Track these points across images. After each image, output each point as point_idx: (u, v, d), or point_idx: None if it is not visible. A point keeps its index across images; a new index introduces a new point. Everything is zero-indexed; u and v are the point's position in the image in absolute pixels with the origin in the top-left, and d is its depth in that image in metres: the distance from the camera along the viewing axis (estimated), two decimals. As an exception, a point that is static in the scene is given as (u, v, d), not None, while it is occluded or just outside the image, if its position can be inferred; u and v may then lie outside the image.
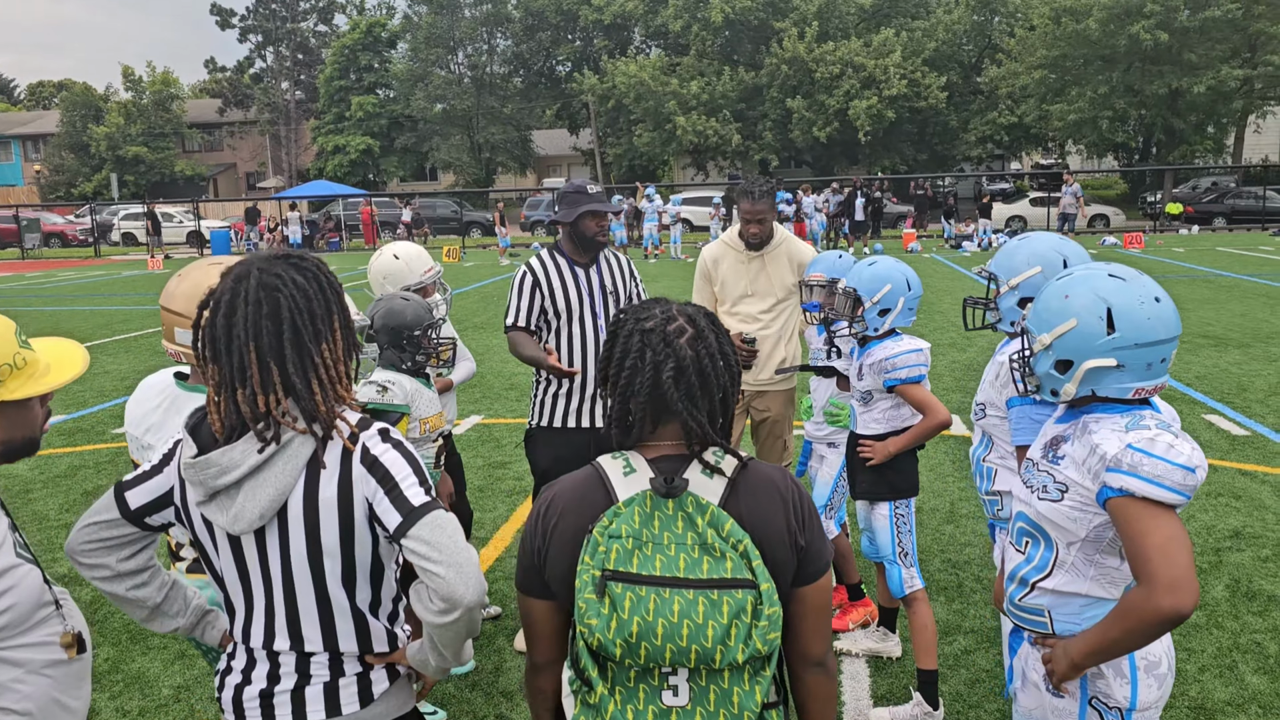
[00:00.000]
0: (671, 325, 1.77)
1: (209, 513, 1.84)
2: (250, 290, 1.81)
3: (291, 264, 1.87)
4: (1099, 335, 2.11)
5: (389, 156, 50.67)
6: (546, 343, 4.33)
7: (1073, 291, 2.16)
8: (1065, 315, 2.15)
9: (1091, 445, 2.09)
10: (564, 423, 4.34)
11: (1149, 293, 2.13)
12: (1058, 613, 2.20)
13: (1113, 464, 2.02)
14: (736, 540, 1.65)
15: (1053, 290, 2.21)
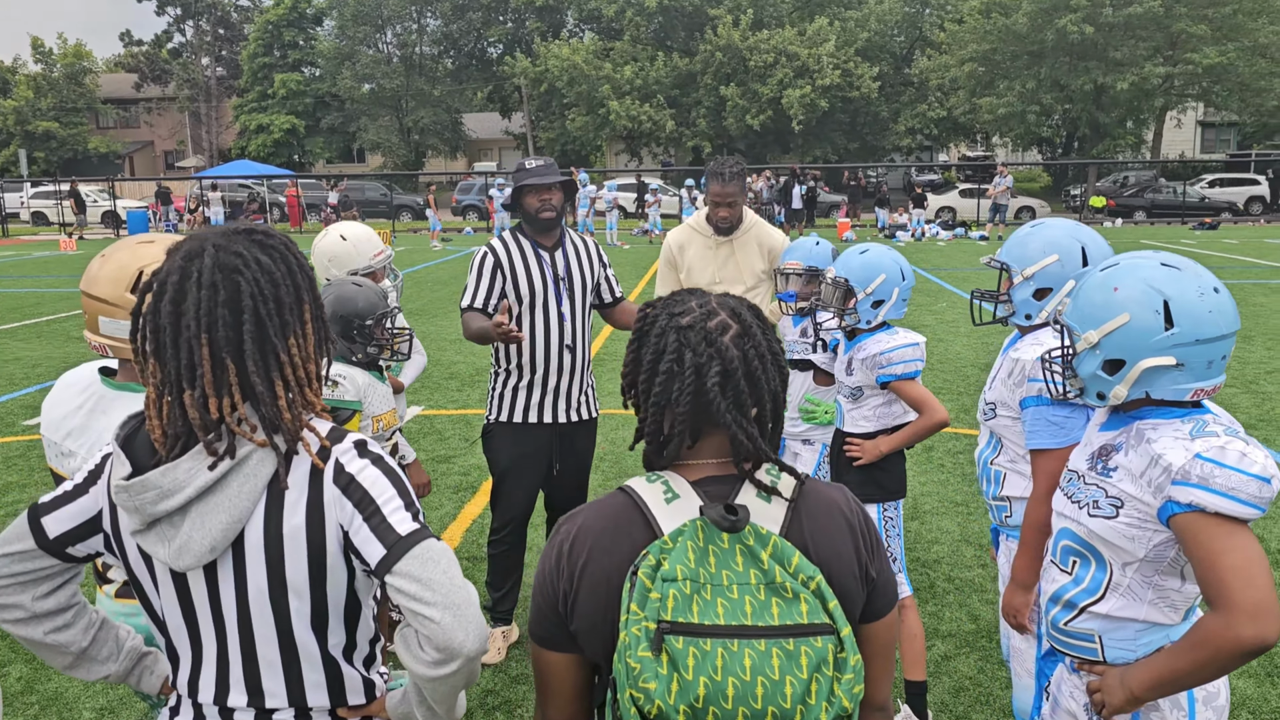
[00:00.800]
0: (713, 321, 1.50)
1: (147, 544, 1.51)
2: (205, 271, 1.49)
3: (255, 241, 1.55)
4: (1155, 331, 1.91)
5: (315, 137, 49.30)
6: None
7: (1123, 283, 1.95)
8: (1115, 310, 1.94)
9: (1152, 455, 1.88)
10: (525, 418, 4.06)
11: (1207, 283, 1.93)
12: (1110, 638, 2.00)
13: (1180, 476, 1.82)
14: (807, 577, 1.39)
15: (1098, 282, 2.00)
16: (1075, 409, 2.54)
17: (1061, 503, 2.12)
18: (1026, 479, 2.74)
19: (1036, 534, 2.58)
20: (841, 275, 3.47)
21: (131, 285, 2.06)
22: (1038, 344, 2.61)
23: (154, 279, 1.52)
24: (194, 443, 1.50)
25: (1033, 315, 2.70)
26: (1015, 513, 2.80)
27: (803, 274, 4.07)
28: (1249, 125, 40.56)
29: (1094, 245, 2.67)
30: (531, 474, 4.10)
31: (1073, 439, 2.54)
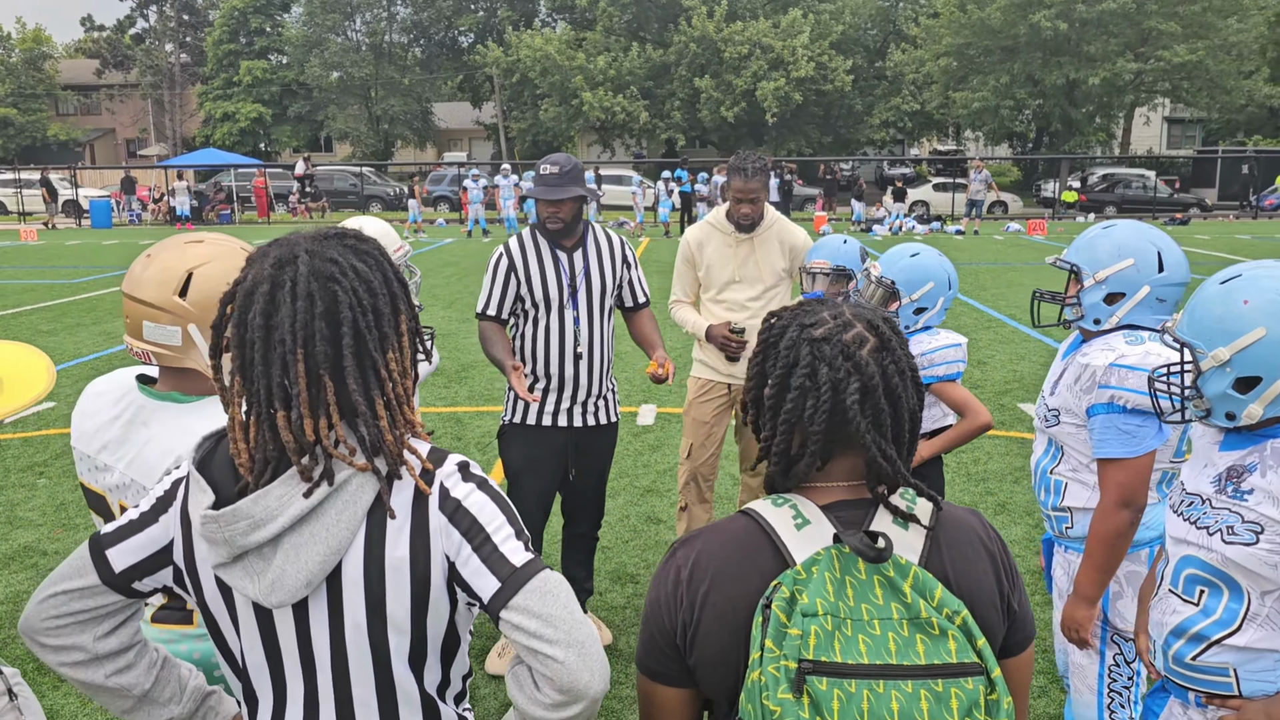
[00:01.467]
0: (849, 333, 1.38)
1: (232, 578, 1.36)
2: (300, 280, 1.34)
3: (348, 246, 1.40)
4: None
5: (281, 125, 48.60)
6: (523, 334, 3.89)
7: (1252, 295, 1.84)
8: (1247, 324, 1.83)
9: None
10: (539, 420, 3.90)
11: None
12: (1246, 671, 1.88)
13: None
14: (952, 611, 1.28)
15: (1219, 295, 1.88)
16: (1147, 417, 2.44)
17: (1182, 529, 1.99)
18: (1090, 489, 2.63)
19: (1105, 549, 2.48)
20: (889, 277, 3.34)
21: (180, 288, 1.90)
22: (1109, 349, 2.50)
23: (236, 288, 1.37)
24: (285, 467, 1.36)
25: (1101, 320, 2.59)
26: (1077, 524, 2.68)
27: (830, 273, 3.95)
28: (1214, 122, 41.06)
29: (1169, 250, 2.56)
30: (546, 478, 3.95)
31: (1145, 448, 2.44)
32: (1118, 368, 2.43)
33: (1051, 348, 10.45)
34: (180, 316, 1.87)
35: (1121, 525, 2.45)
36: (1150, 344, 2.45)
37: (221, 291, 1.83)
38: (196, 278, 1.87)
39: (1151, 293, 2.52)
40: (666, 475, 6.41)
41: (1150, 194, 33.67)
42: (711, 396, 4.41)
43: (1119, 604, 2.62)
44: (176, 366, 1.89)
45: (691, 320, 4.38)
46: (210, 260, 1.90)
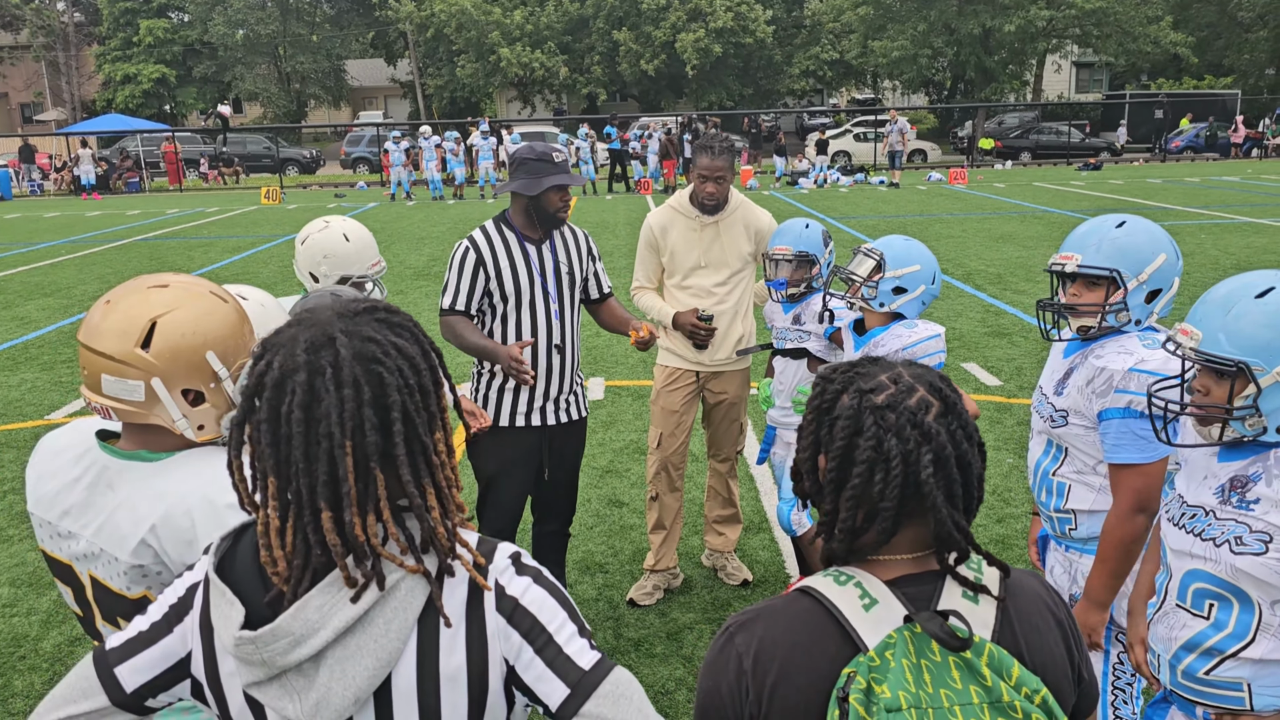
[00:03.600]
0: (913, 398, 1.31)
1: (268, 698, 1.25)
2: (342, 366, 1.22)
3: (382, 321, 1.29)
4: None
5: (187, 87, 46.67)
6: (490, 332, 3.77)
7: None
8: None
9: None
10: (512, 421, 3.80)
11: None
12: (1260, 684, 1.89)
13: None
14: (1032, 690, 1.24)
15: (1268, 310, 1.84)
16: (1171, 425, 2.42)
17: (1186, 541, 1.99)
18: (1095, 492, 2.60)
19: (1120, 554, 2.45)
20: (878, 250, 3.33)
21: (142, 339, 1.73)
22: (1126, 353, 2.44)
23: (263, 376, 1.24)
24: (323, 573, 1.24)
25: (1143, 320, 2.53)
26: (1081, 526, 2.66)
27: (792, 259, 3.91)
28: (1120, 66, 41.94)
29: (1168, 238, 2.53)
30: (521, 480, 3.86)
31: (1160, 454, 2.41)
32: (1137, 373, 2.39)
33: (985, 303, 10.61)
34: (143, 370, 1.70)
35: (1137, 531, 2.44)
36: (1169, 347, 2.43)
37: (189, 342, 1.70)
38: (161, 327, 1.71)
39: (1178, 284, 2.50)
40: (623, 454, 6.35)
41: (1064, 139, 34.36)
42: (680, 385, 4.35)
43: (1123, 603, 2.63)
44: (140, 423, 1.74)
45: (657, 307, 4.30)
46: (176, 307, 1.73)
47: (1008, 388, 7.54)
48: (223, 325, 1.77)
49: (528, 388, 3.77)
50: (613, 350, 8.97)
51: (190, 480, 1.68)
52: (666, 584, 4.52)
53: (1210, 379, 1.90)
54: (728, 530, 4.65)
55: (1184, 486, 2.05)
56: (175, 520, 1.64)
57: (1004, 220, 17.85)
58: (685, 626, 4.22)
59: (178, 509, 1.65)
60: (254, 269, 14.33)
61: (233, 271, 14.12)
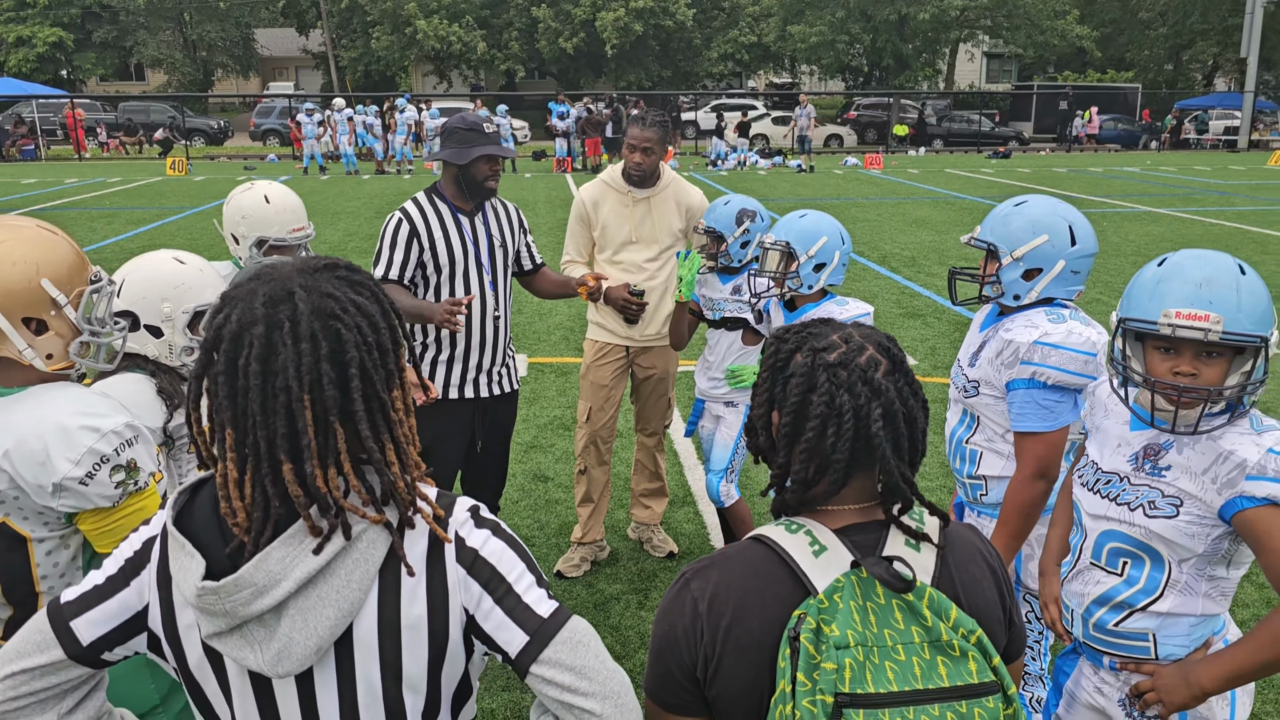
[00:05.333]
0: (863, 356, 1.37)
1: (229, 648, 1.24)
2: (300, 319, 1.22)
3: (342, 278, 1.29)
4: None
5: (85, 52, 44.69)
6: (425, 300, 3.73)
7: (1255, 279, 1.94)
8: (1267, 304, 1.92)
9: (1220, 453, 1.89)
10: (445, 394, 3.78)
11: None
12: (1164, 635, 2.02)
13: (1255, 471, 1.84)
14: (968, 631, 1.31)
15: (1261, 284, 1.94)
16: (1065, 394, 2.54)
17: (1101, 505, 2.09)
18: (1004, 459, 2.74)
19: (1020, 517, 2.58)
20: (782, 239, 3.38)
21: None
22: (1033, 327, 2.58)
23: (220, 329, 1.23)
24: (285, 525, 1.24)
25: (1021, 295, 2.67)
26: (991, 491, 2.80)
27: (705, 233, 3.98)
28: (1028, 57, 43.15)
29: (1079, 223, 2.65)
30: (452, 453, 3.84)
31: (1061, 423, 2.55)
32: (1041, 345, 2.52)
33: (900, 285, 10.87)
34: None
35: (1036, 495, 2.57)
36: (1072, 322, 2.55)
37: (21, 270, 1.73)
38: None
39: (1066, 266, 2.61)
40: (547, 429, 6.36)
41: (975, 128, 35.25)
42: (610, 359, 4.37)
43: (1030, 565, 2.76)
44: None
45: (588, 282, 4.31)
46: (2, 241, 1.77)
47: (922, 367, 7.75)
48: (53, 252, 1.81)
49: (461, 360, 3.76)
50: (535, 327, 8.95)
51: (42, 409, 1.73)
52: (593, 556, 4.55)
53: (1200, 361, 1.90)
54: (654, 503, 4.70)
55: (1097, 454, 2.15)
56: (28, 444, 1.70)
57: (918, 205, 18.27)
58: (612, 597, 4.26)
59: (30, 434, 1.70)
60: (162, 241, 13.86)
61: (139, 244, 13.64)
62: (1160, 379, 1.93)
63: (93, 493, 1.74)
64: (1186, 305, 1.89)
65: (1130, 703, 2.08)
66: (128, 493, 1.79)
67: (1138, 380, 1.96)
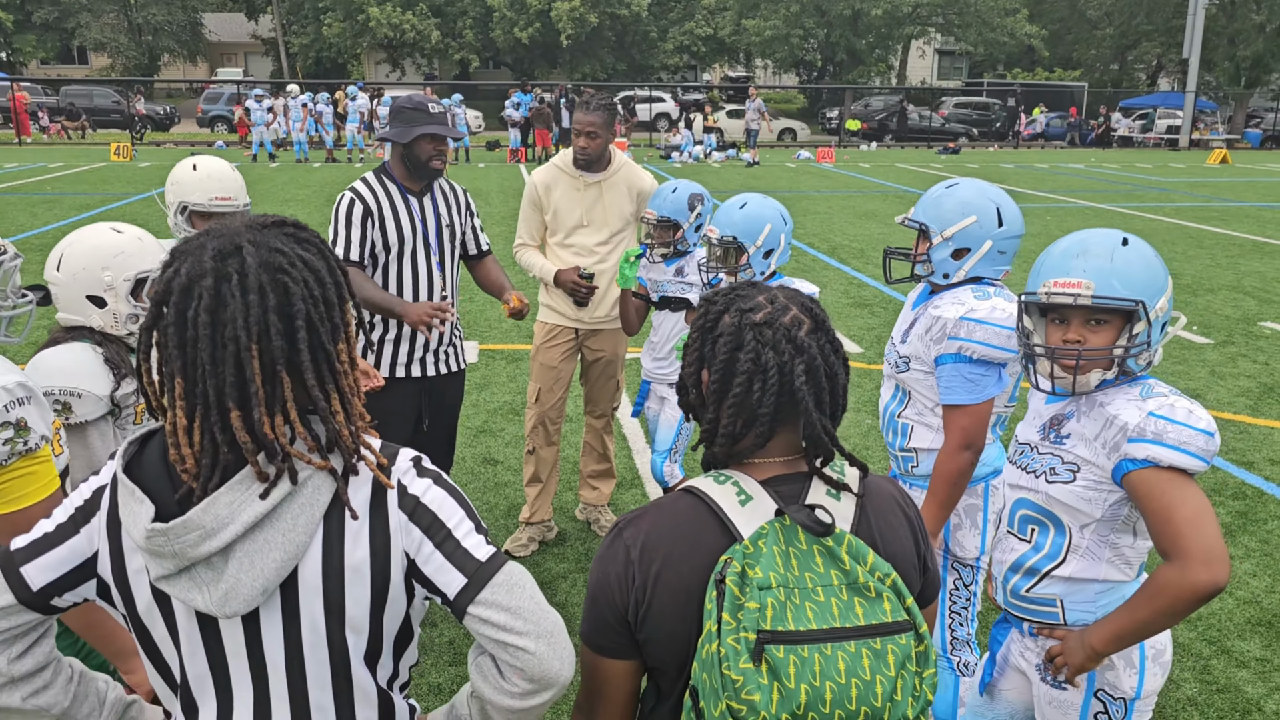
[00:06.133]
0: (787, 316, 1.44)
1: (177, 590, 1.29)
2: (249, 273, 1.27)
3: (290, 235, 1.34)
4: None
5: (25, 34, 43.58)
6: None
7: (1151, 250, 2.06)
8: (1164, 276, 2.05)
9: (1107, 418, 2.01)
10: (392, 372, 3.81)
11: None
12: (1071, 601, 2.12)
13: (1135, 434, 1.96)
14: (884, 574, 1.39)
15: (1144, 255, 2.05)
16: (990, 367, 2.65)
17: (1015, 475, 2.20)
18: (934, 431, 2.84)
19: (948, 487, 2.69)
20: (729, 234, 3.43)
21: None
22: (959, 303, 2.69)
23: (170, 282, 1.27)
24: (232, 471, 1.29)
25: (950, 274, 2.78)
26: (922, 463, 2.90)
27: (657, 223, 4.00)
28: (978, 55, 43.80)
29: (1006, 206, 2.76)
30: (399, 431, 3.87)
31: (986, 395, 2.66)
32: (966, 321, 2.63)
33: (848, 275, 11.03)
34: None
35: (964, 465, 2.68)
36: (996, 299, 2.65)
37: None
38: None
39: (994, 246, 2.72)
40: (497, 414, 6.40)
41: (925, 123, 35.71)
42: (559, 341, 4.43)
43: (959, 534, 2.87)
44: None
45: (539, 264, 4.35)
46: None
47: (868, 355, 7.90)
48: None
49: (407, 339, 3.79)
50: (487, 315, 8.97)
51: None
52: (541, 536, 4.61)
53: (1087, 329, 2.03)
54: (602, 485, 4.77)
55: (1021, 429, 2.26)
56: None
57: (868, 199, 18.49)
58: (559, 576, 4.32)
59: None
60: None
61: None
62: (1044, 345, 2.05)
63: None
64: (1062, 275, 2.03)
65: (1044, 667, 2.18)
66: (16, 452, 1.80)
67: (1037, 351, 2.08)
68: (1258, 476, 5.50)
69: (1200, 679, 3.61)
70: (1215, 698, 3.50)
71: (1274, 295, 10.29)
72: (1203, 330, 8.78)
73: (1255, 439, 6.10)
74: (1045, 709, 2.20)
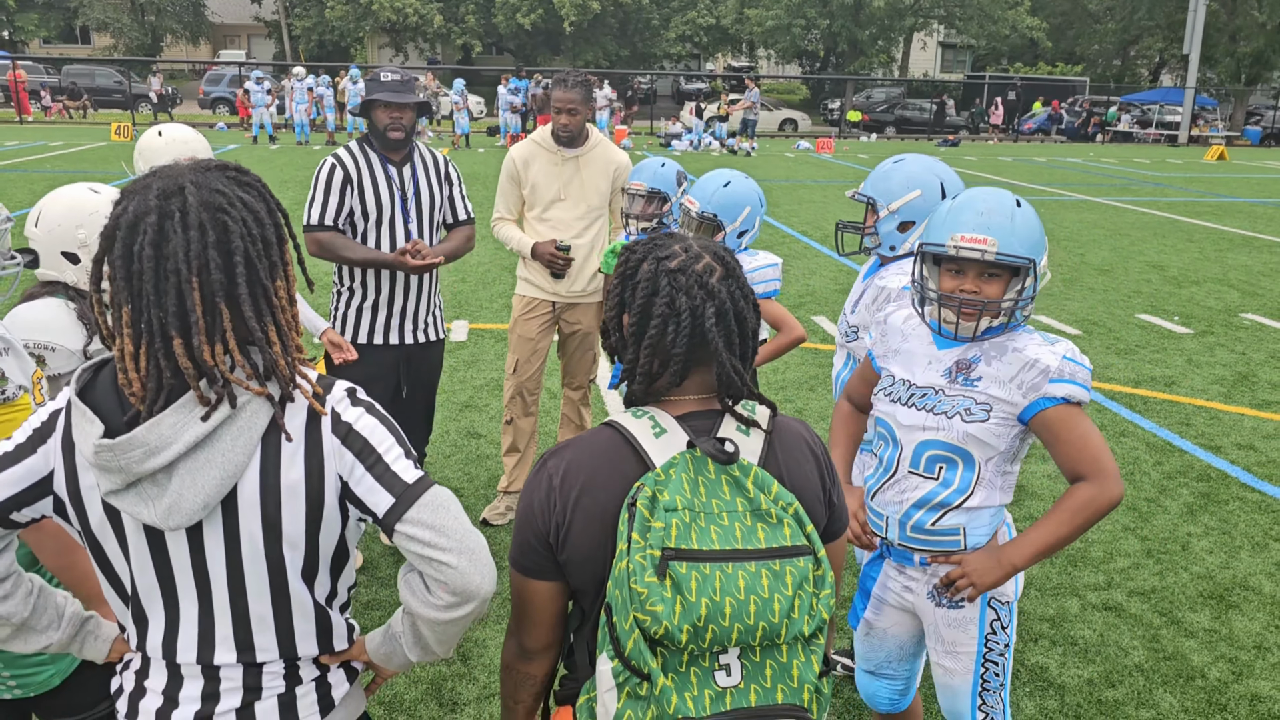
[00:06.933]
0: (700, 264, 1.56)
1: (125, 505, 1.40)
2: (190, 210, 1.37)
3: (231, 178, 1.44)
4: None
5: (27, 12, 43.61)
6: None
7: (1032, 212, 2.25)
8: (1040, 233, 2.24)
9: (1025, 361, 2.19)
10: (370, 339, 3.93)
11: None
12: (971, 527, 2.28)
13: (1055, 375, 2.16)
14: (786, 503, 1.50)
15: (1036, 218, 2.24)
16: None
17: (917, 417, 2.29)
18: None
19: None
20: (710, 211, 3.53)
21: None
22: (902, 273, 2.81)
23: (119, 218, 1.38)
24: (177, 395, 1.40)
25: (897, 246, 2.89)
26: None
27: (645, 195, 4.12)
28: (981, 49, 43.77)
29: (950, 180, 2.87)
30: (378, 396, 3.98)
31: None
32: (907, 290, 2.74)
33: (839, 263, 11.12)
34: None
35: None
36: None
37: None
38: None
39: None
40: (483, 390, 6.51)
41: (926, 115, 35.73)
42: (536, 314, 4.53)
43: None
44: None
45: (516, 237, 4.45)
46: None
47: (852, 338, 7.99)
48: None
49: (386, 305, 3.90)
50: (477, 295, 9.07)
51: None
52: (519, 505, 4.71)
53: (982, 280, 2.21)
54: (579, 455, 4.87)
55: (906, 373, 2.35)
56: None
57: (864, 188, 18.55)
58: (535, 543, 4.43)
59: None
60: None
61: (80, 206, 13.47)
62: (948, 294, 2.21)
63: None
64: (970, 230, 2.19)
65: (939, 591, 2.34)
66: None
67: (933, 297, 2.24)
68: (1224, 460, 5.61)
69: (1149, 647, 3.73)
70: (1161, 664, 3.62)
71: (1259, 288, 10.39)
72: (1184, 320, 8.89)
73: (1225, 425, 6.22)
74: (944, 630, 2.36)
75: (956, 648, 2.36)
